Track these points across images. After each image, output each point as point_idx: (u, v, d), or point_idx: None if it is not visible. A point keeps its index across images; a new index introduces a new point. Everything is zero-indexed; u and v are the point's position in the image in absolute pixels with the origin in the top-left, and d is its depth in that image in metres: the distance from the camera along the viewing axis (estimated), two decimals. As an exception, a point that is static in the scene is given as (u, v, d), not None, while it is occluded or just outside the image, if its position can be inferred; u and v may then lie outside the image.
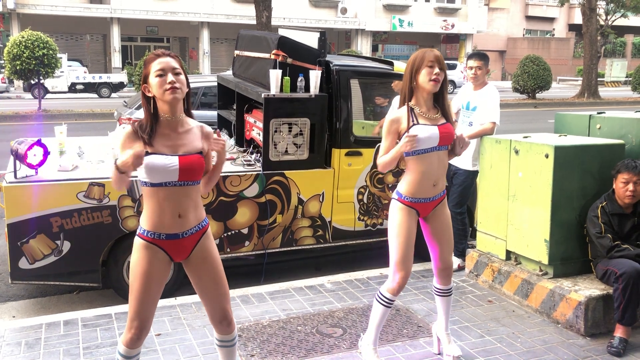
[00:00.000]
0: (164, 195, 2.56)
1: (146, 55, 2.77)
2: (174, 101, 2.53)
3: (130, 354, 2.70)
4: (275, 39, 5.05)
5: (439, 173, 3.25)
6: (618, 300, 3.71)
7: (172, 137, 2.58)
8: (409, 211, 3.27)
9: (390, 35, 38.22)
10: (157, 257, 2.61)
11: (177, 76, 2.53)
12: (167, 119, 2.57)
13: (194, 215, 2.65)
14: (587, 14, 25.50)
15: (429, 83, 3.09)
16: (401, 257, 3.24)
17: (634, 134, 4.40)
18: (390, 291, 3.27)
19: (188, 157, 2.56)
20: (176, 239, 2.62)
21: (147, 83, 2.55)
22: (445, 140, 3.20)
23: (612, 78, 37.60)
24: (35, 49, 15.81)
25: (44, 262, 4.31)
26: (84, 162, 4.88)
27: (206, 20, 31.97)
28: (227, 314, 2.77)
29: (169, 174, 2.52)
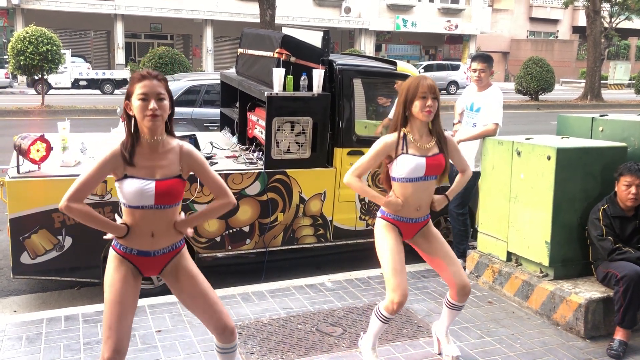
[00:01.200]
0: (140, 216, 2.56)
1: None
2: (153, 127, 2.50)
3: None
4: (278, 37, 5.06)
5: (423, 199, 3.24)
6: (618, 303, 3.71)
7: (152, 158, 2.55)
8: (393, 228, 3.26)
9: (394, 35, 38.20)
10: (128, 270, 2.61)
11: (160, 102, 2.47)
12: (147, 140, 2.54)
13: (168, 236, 2.63)
14: (591, 16, 25.46)
15: (421, 114, 3.10)
16: (393, 277, 3.17)
17: (636, 137, 4.39)
18: (387, 310, 3.22)
19: (165, 181, 2.54)
20: (147, 256, 2.62)
21: (130, 101, 2.52)
22: (433, 170, 3.18)
23: (616, 81, 37.53)
24: (39, 44, 15.83)
25: (46, 258, 4.32)
26: (86, 158, 4.89)
27: (210, 18, 31.97)
28: (226, 324, 2.72)
29: (145, 199, 2.52)
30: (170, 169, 2.57)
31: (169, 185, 2.54)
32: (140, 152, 2.54)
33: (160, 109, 2.47)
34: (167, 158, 2.57)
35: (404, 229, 3.28)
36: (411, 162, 3.13)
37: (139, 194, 2.50)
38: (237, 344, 2.85)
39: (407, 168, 3.14)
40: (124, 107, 2.55)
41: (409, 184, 3.18)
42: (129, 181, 2.51)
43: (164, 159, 2.56)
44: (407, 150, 3.16)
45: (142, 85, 2.47)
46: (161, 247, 2.63)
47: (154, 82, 2.49)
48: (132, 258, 2.61)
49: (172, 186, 2.55)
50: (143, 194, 2.50)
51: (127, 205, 2.55)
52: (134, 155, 2.52)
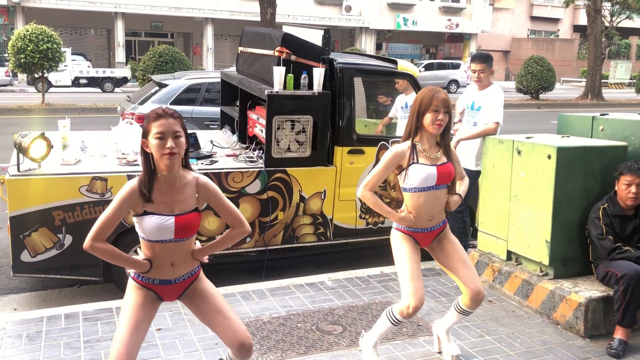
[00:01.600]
0: (160, 249, 2.61)
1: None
2: (171, 164, 2.54)
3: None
4: (279, 36, 5.06)
5: (435, 209, 3.25)
6: (618, 302, 3.72)
7: (170, 193, 2.59)
8: (408, 238, 3.28)
9: (395, 33, 38.17)
10: (149, 297, 2.67)
11: (176, 139, 2.51)
12: (165, 176, 2.58)
13: (187, 264, 2.70)
14: (592, 15, 25.43)
15: (432, 127, 3.14)
16: (411, 281, 3.18)
17: (637, 136, 4.39)
18: (401, 314, 3.22)
19: (184, 216, 2.59)
20: (169, 284, 2.69)
21: (147, 140, 2.55)
22: (443, 179, 3.21)
23: (616, 80, 37.50)
24: (40, 42, 15.82)
25: (46, 256, 4.33)
26: (86, 156, 4.89)
27: (210, 17, 31.96)
28: (242, 342, 2.71)
29: (165, 233, 2.57)
30: (187, 203, 2.62)
31: (187, 219, 2.60)
32: (158, 189, 2.58)
33: (177, 147, 2.52)
34: (185, 192, 2.62)
35: (420, 238, 3.31)
36: (423, 172, 3.15)
37: (158, 230, 2.56)
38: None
39: (418, 177, 3.15)
40: (141, 145, 2.58)
41: (421, 194, 3.20)
42: (148, 218, 2.55)
43: (181, 194, 2.61)
44: (417, 159, 3.18)
45: (159, 124, 2.51)
46: (181, 275, 2.69)
47: (169, 120, 2.52)
48: (153, 287, 2.68)
49: (190, 220, 2.61)
50: (163, 229, 2.56)
51: (147, 239, 2.60)
52: (152, 192, 2.56)
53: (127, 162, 4.72)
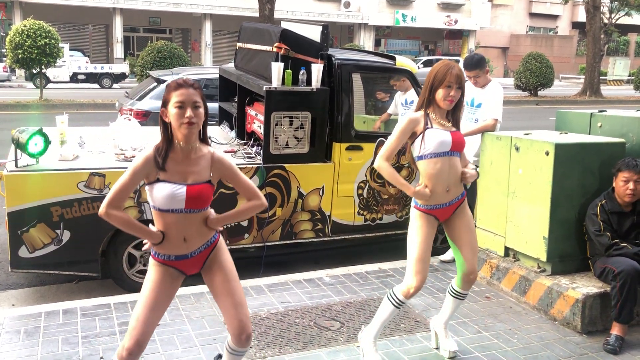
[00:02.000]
0: (170, 220, 2.61)
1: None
2: (189, 134, 2.57)
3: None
4: (277, 31, 5.05)
5: (451, 178, 3.26)
6: (615, 298, 3.73)
7: (184, 164, 2.61)
8: (427, 218, 3.29)
9: (393, 30, 38.13)
10: (169, 273, 2.69)
11: (196, 110, 2.55)
12: (181, 146, 2.61)
13: (200, 238, 2.69)
14: (591, 12, 25.42)
15: (443, 102, 3.19)
16: (417, 260, 3.24)
17: (634, 133, 4.40)
18: (403, 294, 3.27)
19: (196, 186, 2.60)
20: (185, 259, 2.69)
21: (166, 109, 2.58)
22: (457, 146, 3.25)
23: (615, 77, 37.51)
24: (38, 38, 15.78)
25: (44, 251, 4.32)
26: (84, 152, 4.89)
27: (209, 12, 31.90)
28: (244, 326, 2.74)
29: (176, 202, 2.57)
30: (201, 174, 2.63)
31: (199, 190, 2.60)
32: (173, 158, 2.60)
33: (196, 117, 2.55)
34: (199, 164, 2.64)
35: (440, 213, 3.32)
36: (438, 136, 3.19)
37: (170, 198, 2.56)
38: (247, 350, 2.87)
39: (434, 142, 3.19)
40: (160, 115, 2.61)
41: (437, 160, 3.21)
42: (160, 185, 2.57)
43: (196, 165, 2.63)
44: (431, 125, 3.23)
45: (179, 93, 2.53)
46: (195, 248, 2.69)
47: (190, 90, 2.55)
48: (172, 263, 2.69)
49: (203, 191, 2.61)
50: (174, 197, 2.56)
51: (158, 208, 2.61)
52: (167, 160, 2.58)
53: (125, 158, 4.71)
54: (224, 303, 2.75)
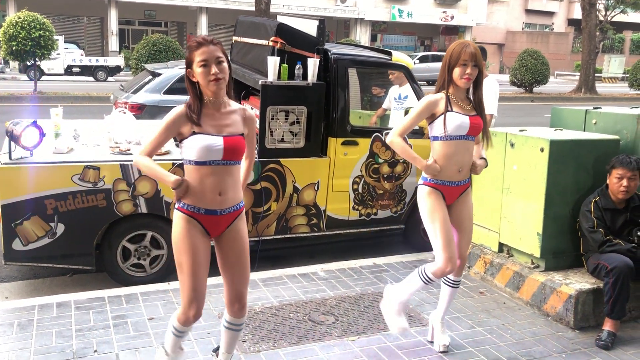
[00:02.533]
0: (207, 172, 2.67)
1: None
2: (217, 90, 2.65)
3: (184, 330, 2.85)
4: (274, 25, 5.03)
5: (465, 160, 3.32)
6: (608, 295, 3.75)
7: (217, 117, 2.70)
8: (436, 194, 3.33)
9: (390, 25, 38.08)
10: (197, 229, 2.72)
11: (219, 65, 2.62)
12: (211, 101, 2.69)
13: (233, 194, 2.75)
14: (587, 9, 25.46)
15: (460, 81, 3.23)
16: (443, 241, 3.30)
17: (629, 130, 4.41)
18: (434, 274, 3.36)
19: (232, 137, 2.68)
20: (214, 215, 2.72)
21: (192, 69, 2.64)
22: (474, 130, 3.29)
23: (610, 74, 37.60)
24: (32, 30, 15.68)
25: (38, 244, 4.31)
26: (79, 144, 4.87)
27: (205, 6, 31.77)
28: (241, 297, 2.86)
29: (214, 153, 2.64)
30: (235, 127, 2.73)
31: (235, 141, 2.69)
32: (206, 113, 2.69)
33: (222, 72, 2.63)
34: (231, 118, 2.74)
35: (447, 192, 3.35)
36: (457, 119, 3.23)
37: (208, 149, 2.63)
38: (243, 325, 2.97)
39: (453, 125, 3.23)
40: (186, 75, 2.68)
41: (452, 142, 3.26)
42: (197, 137, 2.64)
43: (228, 119, 2.72)
44: (452, 108, 3.26)
45: (201, 52, 2.61)
46: (227, 206, 2.74)
47: (210, 47, 2.63)
48: (199, 217, 2.71)
49: (238, 142, 2.71)
50: (212, 149, 2.63)
51: (195, 162, 2.66)
52: (201, 116, 2.66)
53: (120, 151, 4.70)
54: (232, 272, 2.83)
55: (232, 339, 2.99)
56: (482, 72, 3.31)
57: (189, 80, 2.68)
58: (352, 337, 3.72)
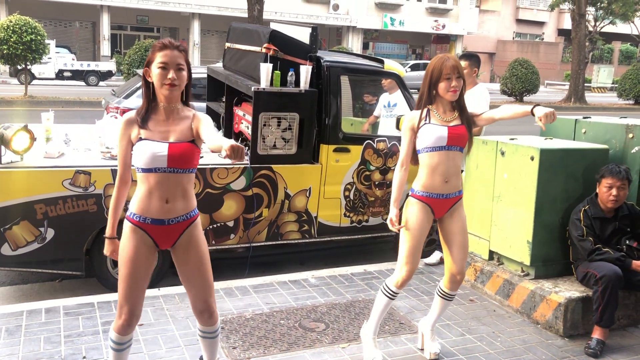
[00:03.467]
0: (154, 180, 2.61)
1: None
2: (170, 95, 2.60)
3: (122, 341, 2.74)
4: (267, 32, 5.05)
5: (450, 171, 3.30)
6: (597, 303, 3.77)
7: (166, 124, 2.64)
8: (423, 207, 3.33)
9: (382, 33, 38.26)
10: (143, 242, 2.66)
11: (179, 72, 2.58)
12: (163, 106, 2.64)
13: (183, 203, 2.68)
14: (577, 20, 25.72)
15: (448, 94, 3.25)
16: (409, 252, 3.31)
17: (618, 139, 4.46)
18: (395, 284, 3.36)
19: (178, 145, 2.61)
20: (161, 224, 2.65)
21: (149, 69, 2.60)
22: (455, 141, 3.28)
23: (599, 84, 37.94)
24: (23, 34, 15.60)
25: (27, 249, 4.28)
26: (70, 149, 4.85)
27: (197, 12, 31.77)
28: (208, 305, 2.81)
29: (158, 161, 2.58)
30: (183, 134, 2.65)
31: (181, 148, 2.61)
32: (155, 119, 2.64)
33: (179, 79, 2.58)
34: (181, 124, 2.67)
35: (436, 206, 3.34)
36: (434, 131, 3.25)
37: (152, 156, 2.57)
38: (218, 331, 2.92)
39: (431, 137, 3.25)
40: (142, 74, 2.64)
41: (434, 154, 3.27)
42: (143, 143, 2.59)
43: (177, 125, 2.66)
44: (429, 120, 3.29)
45: (163, 54, 2.56)
46: (176, 216, 2.66)
47: (174, 52, 2.58)
48: (146, 227, 2.65)
49: (185, 150, 2.62)
50: (156, 156, 2.57)
51: (141, 169, 2.61)
52: (149, 120, 2.62)
53: (111, 156, 4.68)
54: (193, 283, 2.77)
55: (211, 346, 2.96)
56: (465, 82, 3.35)
57: (144, 79, 2.64)
58: (343, 344, 3.71)
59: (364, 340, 3.53)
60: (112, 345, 2.75)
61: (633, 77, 26.85)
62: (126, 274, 2.65)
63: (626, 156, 4.38)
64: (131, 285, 2.65)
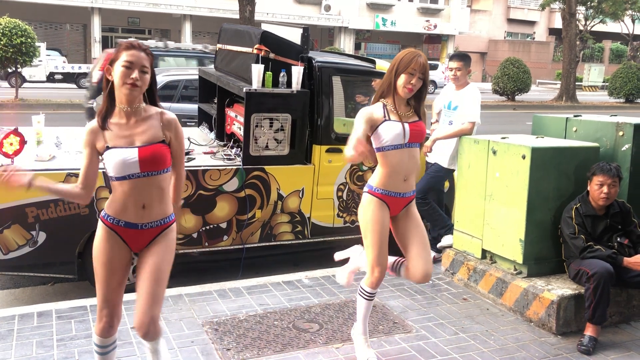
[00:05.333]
0: (129, 187, 2.56)
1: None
2: (131, 96, 2.53)
3: (105, 343, 2.71)
4: (258, 33, 5.05)
5: (409, 169, 3.26)
6: (589, 300, 3.79)
7: (129, 127, 2.57)
8: (381, 204, 3.27)
9: (373, 33, 38.31)
10: (116, 243, 2.62)
11: (142, 74, 2.52)
12: (123, 108, 2.57)
13: (159, 208, 2.63)
14: (567, 19, 25.85)
15: (402, 89, 3.15)
16: (377, 254, 3.28)
17: (608, 138, 4.48)
18: (369, 285, 3.35)
19: (147, 147, 2.55)
20: (134, 228, 2.61)
21: (112, 67, 2.54)
22: (415, 137, 3.23)
23: (590, 82, 38.16)
24: (13, 36, 15.52)
25: (19, 253, 4.26)
26: (61, 152, 4.82)
27: (189, 13, 31.70)
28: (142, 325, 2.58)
29: (130, 167, 2.53)
30: (151, 134, 2.58)
31: (152, 150, 2.55)
32: (118, 123, 2.57)
33: (141, 81, 2.52)
34: (147, 124, 2.59)
35: (392, 204, 3.30)
36: (394, 128, 3.16)
37: (122, 163, 2.52)
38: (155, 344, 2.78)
39: (390, 134, 3.16)
40: (104, 71, 2.58)
41: (394, 152, 3.20)
42: (111, 152, 2.53)
43: (142, 126, 2.58)
44: (389, 117, 3.19)
45: (130, 54, 2.51)
46: (151, 220, 2.61)
47: (141, 54, 2.53)
48: (118, 230, 2.61)
49: (156, 151, 2.56)
50: (127, 162, 2.51)
51: (115, 177, 2.56)
52: (109, 121, 2.55)
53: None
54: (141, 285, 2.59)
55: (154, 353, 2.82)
56: (427, 86, 3.21)
57: (105, 79, 2.56)
58: (337, 345, 3.72)
59: (355, 341, 3.53)
60: (96, 350, 2.72)
61: (623, 75, 27.03)
62: (102, 277, 2.61)
63: (617, 154, 4.40)
64: (108, 287, 2.62)
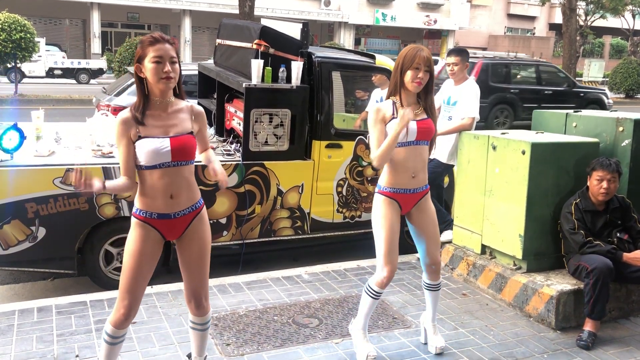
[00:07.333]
0: (158, 176, 2.64)
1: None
2: (166, 89, 2.61)
3: (117, 334, 2.76)
4: (257, 28, 5.04)
5: (418, 166, 3.29)
6: (588, 295, 3.80)
7: (163, 118, 2.66)
8: (391, 203, 3.30)
9: (373, 29, 38.23)
10: (149, 236, 2.70)
11: (173, 65, 2.59)
12: (158, 100, 2.65)
13: (187, 195, 2.72)
14: (567, 14, 25.78)
15: (411, 84, 3.19)
16: (386, 252, 3.29)
17: (608, 133, 4.48)
18: (378, 284, 3.34)
19: (179, 137, 2.66)
20: (167, 219, 2.70)
21: (142, 64, 2.58)
22: (423, 135, 3.26)
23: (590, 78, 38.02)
24: (13, 32, 15.48)
25: (18, 248, 4.25)
26: (61, 147, 4.82)
27: (188, 8, 31.62)
28: (198, 296, 2.86)
29: (162, 156, 2.61)
30: (182, 126, 2.69)
31: (183, 140, 2.66)
32: (151, 114, 2.64)
33: (174, 72, 2.59)
34: (178, 117, 2.70)
35: (403, 201, 3.32)
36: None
37: (155, 152, 2.59)
38: (208, 324, 2.97)
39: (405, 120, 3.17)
40: (134, 71, 2.62)
41: (401, 149, 3.23)
42: (144, 141, 2.60)
43: (175, 118, 2.68)
44: (397, 115, 3.21)
45: (156, 48, 2.56)
46: (181, 209, 2.71)
47: (166, 45, 2.58)
48: (153, 222, 2.69)
49: (187, 142, 2.67)
50: (159, 151, 2.60)
51: (145, 166, 2.63)
52: (145, 116, 2.62)
53: (102, 154, 4.66)
54: (189, 272, 2.83)
55: (200, 339, 3.00)
56: (434, 78, 3.26)
57: (137, 76, 2.61)
58: (337, 340, 3.72)
59: (354, 336, 3.53)
60: (106, 339, 2.76)
61: (624, 71, 26.99)
62: (131, 267, 2.68)
63: (616, 149, 4.40)
64: (135, 277, 2.68)
